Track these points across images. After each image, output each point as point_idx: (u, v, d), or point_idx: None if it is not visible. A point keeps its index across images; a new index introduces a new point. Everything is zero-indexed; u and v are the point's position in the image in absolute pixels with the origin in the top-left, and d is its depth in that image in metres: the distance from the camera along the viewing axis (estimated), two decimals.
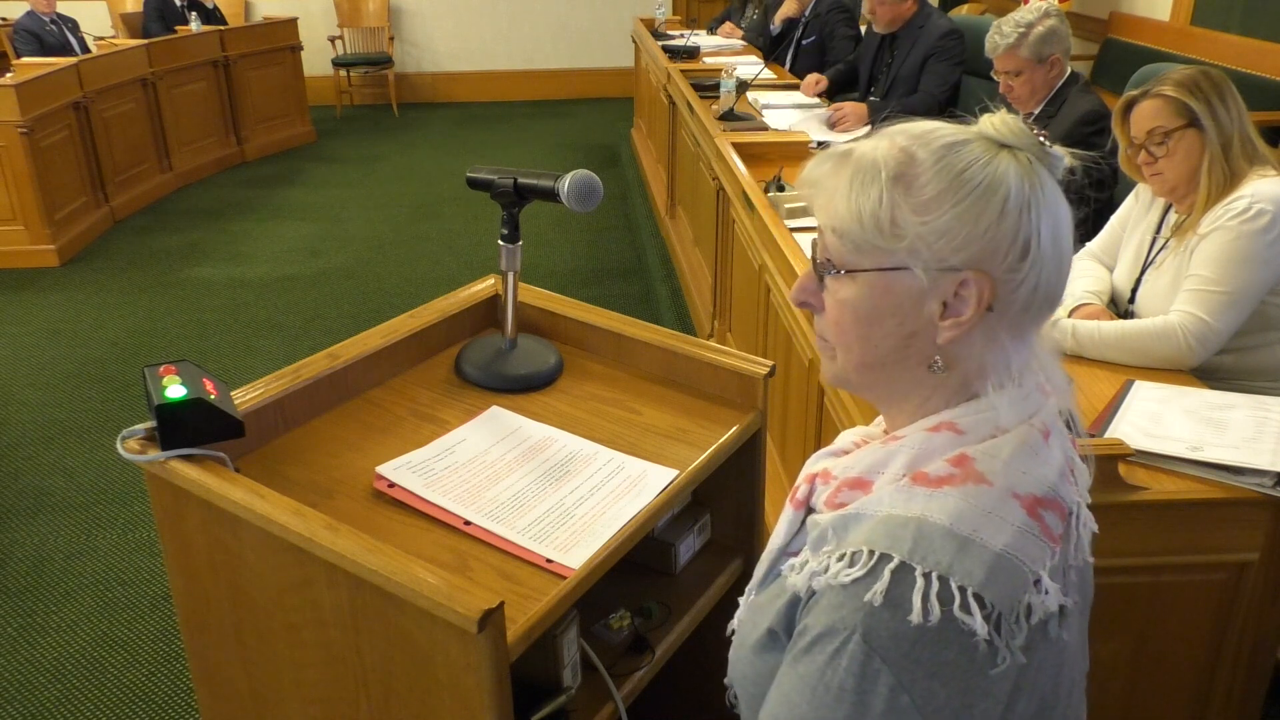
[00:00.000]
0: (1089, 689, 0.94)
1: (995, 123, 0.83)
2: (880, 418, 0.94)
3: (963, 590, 0.74)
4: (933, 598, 0.73)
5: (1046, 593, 0.77)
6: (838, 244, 0.84)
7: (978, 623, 0.73)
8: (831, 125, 3.87)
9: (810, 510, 0.91)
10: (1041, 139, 0.83)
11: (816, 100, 4.32)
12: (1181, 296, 1.89)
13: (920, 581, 0.74)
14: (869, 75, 4.46)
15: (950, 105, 4.10)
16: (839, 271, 0.84)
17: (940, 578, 0.74)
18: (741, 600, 0.98)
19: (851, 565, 0.77)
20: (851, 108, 3.94)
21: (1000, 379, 0.83)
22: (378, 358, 1.41)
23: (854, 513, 0.82)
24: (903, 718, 0.73)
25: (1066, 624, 0.80)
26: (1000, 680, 0.75)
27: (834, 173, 0.84)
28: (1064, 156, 0.84)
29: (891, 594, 0.74)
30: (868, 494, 0.83)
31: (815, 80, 4.47)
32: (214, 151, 6.53)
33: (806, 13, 5.33)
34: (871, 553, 0.77)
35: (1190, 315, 1.86)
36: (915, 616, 0.73)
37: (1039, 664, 0.78)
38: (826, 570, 0.78)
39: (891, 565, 0.75)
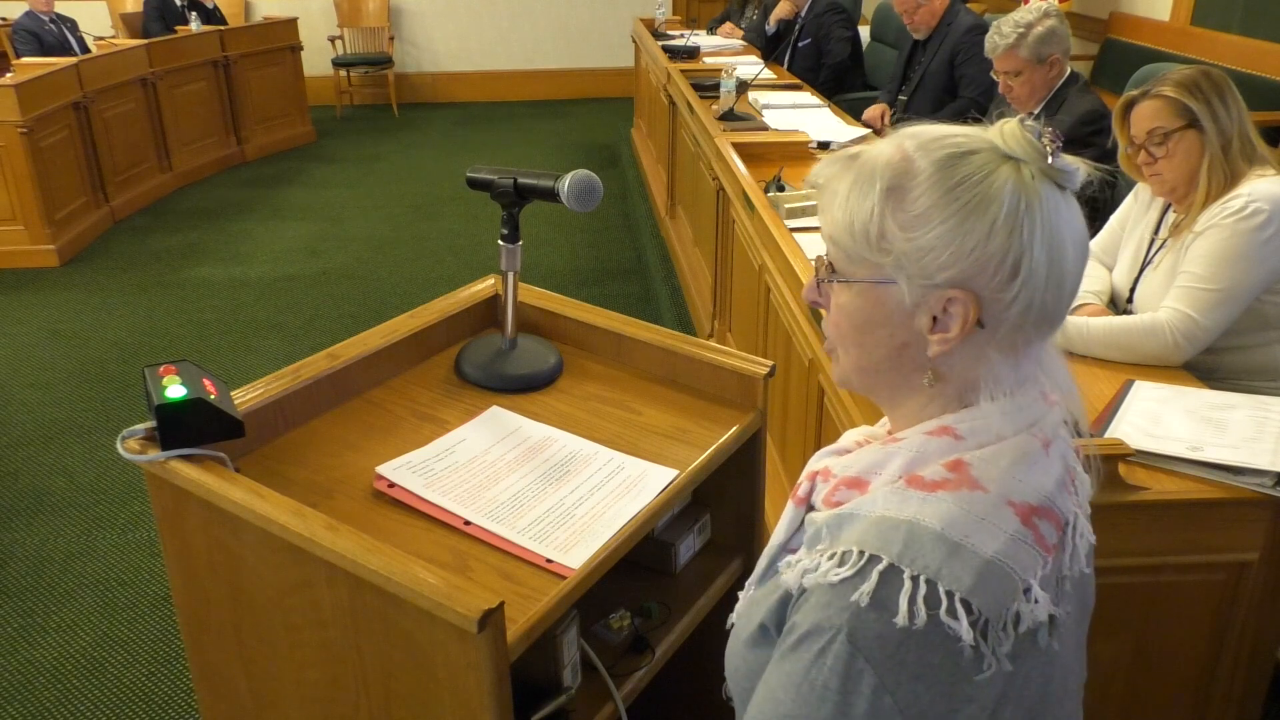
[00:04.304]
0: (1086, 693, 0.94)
1: (1005, 132, 0.80)
2: (885, 418, 0.94)
3: (950, 595, 0.74)
4: (919, 601, 0.73)
5: (1036, 601, 0.77)
6: (835, 252, 0.84)
7: (964, 628, 0.73)
8: None
9: (811, 508, 0.91)
10: (1050, 151, 0.79)
11: (819, 101, 4.31)
12: (1172, 293, 1.89)
13: (908, 584, 0.74)
14: (901, 75, 4.44)
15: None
16: (834, 279, 0.85)
17: (928, 581, 0.74)
18: (741, 595, 0.98)
19: (841, 565, 0.77)
20: None
21: (993, 391, 0.82)
22: (378, 358, 1.41)
23: (848, 512, 0.82)
24: (885, 719, 0.73)
25: (1058, 634, 0.79)
26: (986, 687, 0.75)
27: (838, 177, 0.84)
28: (1079, 169, 0.80)
29: (878, 595, 0.74)
30: (863, 494, 0.83)
31: (881, 112, 4.44)
32: (214, 151, 6.53)
33: (802, 14, 5.33)
34: (861, 553, 0.76)
35: (1179, 312, 1.86)
36: (900, 619, 0.73)
37: (1027, 673, 0.77)
38: (817, 568, 0.78)
39: (880, 567, 0.75)
